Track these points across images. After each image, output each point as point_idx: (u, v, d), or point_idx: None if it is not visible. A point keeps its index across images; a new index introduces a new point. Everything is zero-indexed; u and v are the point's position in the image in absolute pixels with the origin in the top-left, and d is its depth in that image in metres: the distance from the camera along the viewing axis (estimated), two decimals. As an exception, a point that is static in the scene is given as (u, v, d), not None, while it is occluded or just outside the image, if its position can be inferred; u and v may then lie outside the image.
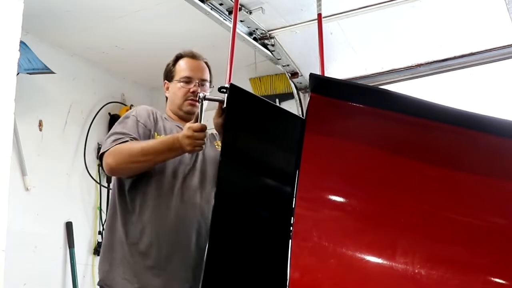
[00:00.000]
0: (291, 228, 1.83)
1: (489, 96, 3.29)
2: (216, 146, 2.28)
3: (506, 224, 1.77)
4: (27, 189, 3.42)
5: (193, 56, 2.36)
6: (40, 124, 3.61)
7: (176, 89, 2.29)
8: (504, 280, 1.71)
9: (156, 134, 2.17)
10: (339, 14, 3.04)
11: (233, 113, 1.81)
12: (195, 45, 3.85)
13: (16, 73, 2.01)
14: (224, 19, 2.97)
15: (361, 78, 3.50)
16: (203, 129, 1.96)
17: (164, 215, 2.07)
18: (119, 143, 2.05)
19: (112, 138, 2.08)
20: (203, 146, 1.99)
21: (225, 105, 1.84)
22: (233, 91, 1.82)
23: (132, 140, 2.07)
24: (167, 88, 2.36)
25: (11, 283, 3.05)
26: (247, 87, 4.05)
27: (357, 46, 3.34)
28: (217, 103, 1.91)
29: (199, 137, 1.95)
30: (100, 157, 2.12)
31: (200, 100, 1.96)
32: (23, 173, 3.41)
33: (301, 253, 1.79)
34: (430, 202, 1.81)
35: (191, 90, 2.25)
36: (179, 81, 2.29)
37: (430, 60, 3.34)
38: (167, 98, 2.38)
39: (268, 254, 1.87)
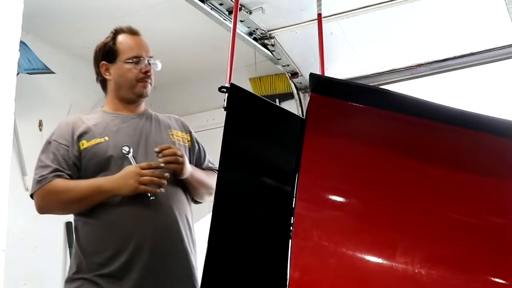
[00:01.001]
0: (291, 228, 1.83)
1: (489, 96, 3.29)
2: (170, 135, 2.10)
3: (506, 224, 1.77)
4: (27, 189, 3.41)
5: (134, 32, 2.12)
6: (40, 124, 3.60)
7: (124, 71, 2.06)
8: (504, 280, 1.71)
9: (84, 142, 1.98)
10: (339, 14, 3.04)
11: (233, 113, 1.81)
12: (195, 45, 3.86)
13: (16, 73, 2.02)
14: (224, 19, 2.97)
15: (361, 78, 3.50)
16: (151, 166, 1.89)
17: (115, 219, 1.93)
18: (45, 184, 1.93)
19: (37, 175, 1.97)
20: (148, 186, 1.87)
21: (225, 105, 1.84)
22: (233, 91, 1.82)
23: (56, 176, 1.93)
24: (106, 70, 2.10)
25: (11, 283, 3.05)
26: (247, 87, 4.05)
27: (357, 46, 3.34)
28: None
29: (147, 174, 1.86)
30: (31, 196, 2.01)
31: (127, 154, 1.93)
32: (23, 173, 3.41)
33: (301, 253, 1.79)
34: (430, 201, 1.81)
35: (143, 70, 2.06)
36: (128, 62, 2.05)
37: (430, 60, 3.35)
38: (103, 82, 2.13)
39: (268, 254, 1.87)
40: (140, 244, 1.90)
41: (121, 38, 2.09)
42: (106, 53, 2.10)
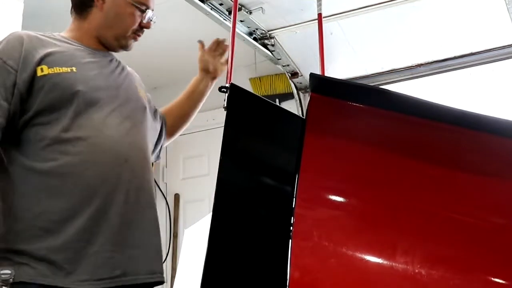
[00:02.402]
0: (291, 228, 1.83)
1: (489, 96, 3.29)
2: (138, 91, 1.78)
3: (506, 224, 1.77)
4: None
5: None
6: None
7: (125, 12, 1.70)
8: (504, 280, 1.71)
9: (44, 68, 1.52)
10: (339, 14, 3.04)
11: (233, 113, 1.81)
12: (195, 45, 3.86)
13: (16, 73, 2.01)
14: (224, 19, 2.97)
15: (361, 78, 3.51)
16: None
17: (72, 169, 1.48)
18: None
19: None
20: None
21: (225, 105, 1.84)
22: (234, 91, 1.82)
23: None
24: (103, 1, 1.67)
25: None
26: (247, 87, 4.06)
27: (357, 46, 3.34)
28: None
29: None
30: None
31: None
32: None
33: (301, 253, 1.79)
34: (430, 201, 1.82)
35: (144, 24, 1.75)
36: (135, 5, 1.70)
37: (430, 60, 3.35)
38: (86, 6, 1.70)
39: (268, 254, 1.87)
40: (106, 204, 1.49)
41: None
42: None
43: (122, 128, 1.60)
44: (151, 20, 1.79)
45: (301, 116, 2.41)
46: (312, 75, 1.86)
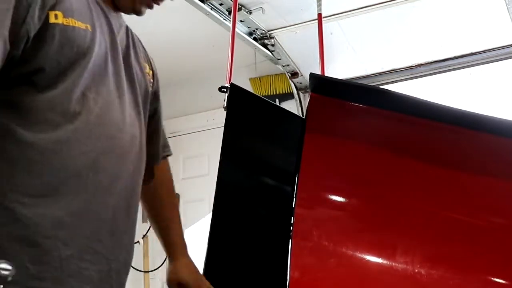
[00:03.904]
0: (291, 228, 1.84)
1: (489, 96, 3.29)
2: (144, 67, 1.52)
3: (506, 224, 1.77)
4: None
5: None
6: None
7: None
8: (504, 280, 1.71)
9: (59, 14, 1.17)
10: (339, 14, 3.04)
11: (233, 113, 1.81)
12: (195, 45, 3.86)
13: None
14: (224, 19, 2.97)
15: (361, 78, 3.50)
16: None
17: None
18: None
19: None
20: None
21: (225, 105, 1.84)
22: (233, 91, 1.82)
23: None
24: None
25: (11, 283, 3.03)
26: (247, 87, 4.06)
27: (357, 46, 3.34)
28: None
29: None
30: None
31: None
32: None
33: (301, 253, 1.80)
34: (430, 201, 1.82)
35: None
36: None
37: (430, 60, 3.35)
38: None
39: (268, 253, 1.87)
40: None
41: None
42: None
43: (126, 116, 1.31)
44: None
45: (301, 116, 2.41)
46: (312, 75, 1.86)
